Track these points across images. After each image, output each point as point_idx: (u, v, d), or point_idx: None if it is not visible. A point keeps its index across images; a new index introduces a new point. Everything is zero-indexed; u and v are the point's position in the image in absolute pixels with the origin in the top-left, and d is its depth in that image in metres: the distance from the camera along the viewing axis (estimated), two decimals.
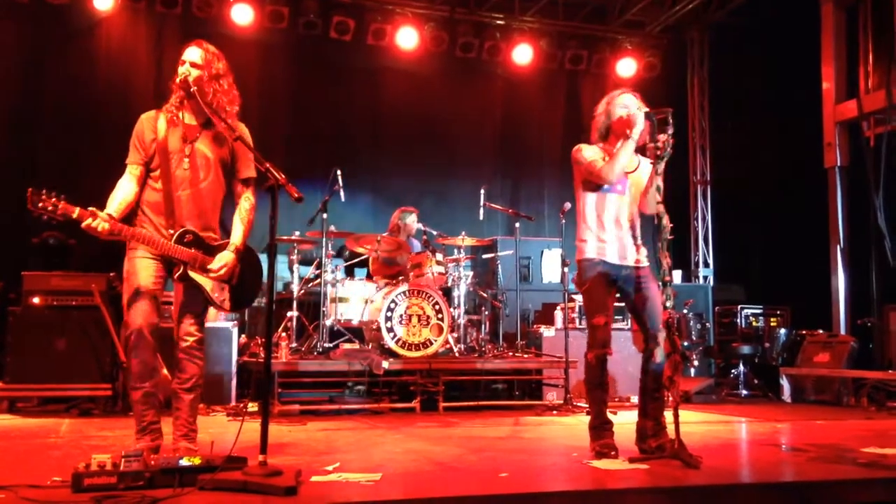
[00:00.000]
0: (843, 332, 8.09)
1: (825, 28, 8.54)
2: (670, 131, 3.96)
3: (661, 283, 3.98)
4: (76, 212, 3.40)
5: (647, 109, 4.13)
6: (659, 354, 4.09)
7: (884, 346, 7.40)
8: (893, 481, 3.60)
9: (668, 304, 3.87)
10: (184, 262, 3.63)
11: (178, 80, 3.71)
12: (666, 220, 3.93)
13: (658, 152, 3.96)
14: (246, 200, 3.84)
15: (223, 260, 3.69)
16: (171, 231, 3.64)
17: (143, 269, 3.63)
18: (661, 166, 3.98)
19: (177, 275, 3.64)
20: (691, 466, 3.66)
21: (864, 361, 7.41)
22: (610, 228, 4.19)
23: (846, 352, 7.30)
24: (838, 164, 8.38)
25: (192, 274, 3.66)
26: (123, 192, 3.68)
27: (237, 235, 3.77)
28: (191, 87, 3.66)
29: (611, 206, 4.21)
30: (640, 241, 4.23)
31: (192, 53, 3.73)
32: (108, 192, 3.75)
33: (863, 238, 8.02)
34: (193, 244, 3.66)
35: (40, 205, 3.36)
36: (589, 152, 4.24)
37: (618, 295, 4.27)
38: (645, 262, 4.21)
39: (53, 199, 3.38)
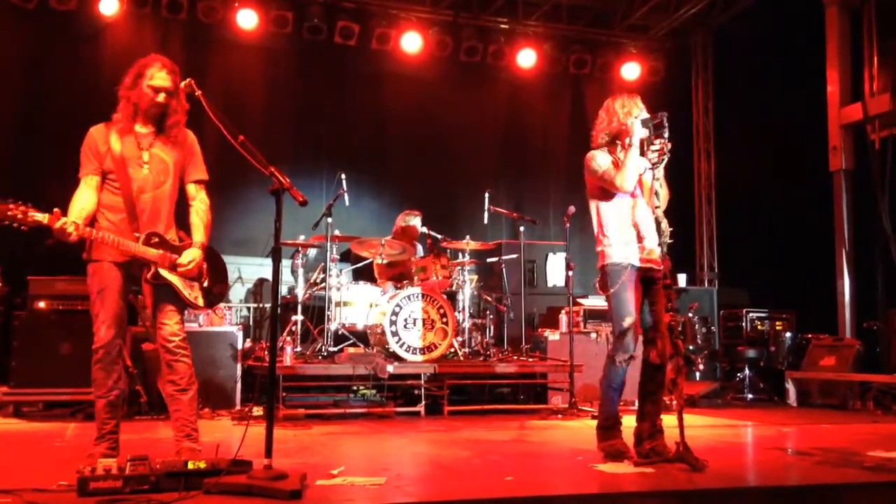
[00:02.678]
0: (848, 335, 8.05)
1: (830, 31, 8.52)
2: (666, 135, 3.96)
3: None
4: (46, 218, 3.39)
5: (644, 116, 4.12)
6: (658, 357, 4.09)
7: (890, 349, 7.39)
8: None
9: (670, 306, 3.86)
10: (154, 262, 3.65)
11: (158, 101, 3.76)
12: (665, 224, 3.92)
13: (656, 158, 3.96)
14: (201, 202, 3.86)
15: (191, 255, 3.71)
16: (137, 234, 3.65)
17: (110, 279, 3.65)
18: (660, 171, 3.98)
19: (149, 275, 3.66)
20: (697, 470, 3.66)
21: (870, 365, 7.37)
22: (631, 231, 4.17)
23: (852, 355, 7.27)
24: (843, 167, 8.36)
25: (164, 272, 3.67)
26: (82, 201, 3.68)
27: (200, 234, 3.79)
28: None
29: (629, 210, 4.19)
30: (656, 242, 4.19)
31: (167, 80, 3.81)
32: None
33: (868, 241, 8.00)
34: (160, 245, 3.68)
35: (10, 213, 3.33)
36: (602, 159, 4.21)
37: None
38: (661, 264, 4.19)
39: (22, 208, 3.35)
